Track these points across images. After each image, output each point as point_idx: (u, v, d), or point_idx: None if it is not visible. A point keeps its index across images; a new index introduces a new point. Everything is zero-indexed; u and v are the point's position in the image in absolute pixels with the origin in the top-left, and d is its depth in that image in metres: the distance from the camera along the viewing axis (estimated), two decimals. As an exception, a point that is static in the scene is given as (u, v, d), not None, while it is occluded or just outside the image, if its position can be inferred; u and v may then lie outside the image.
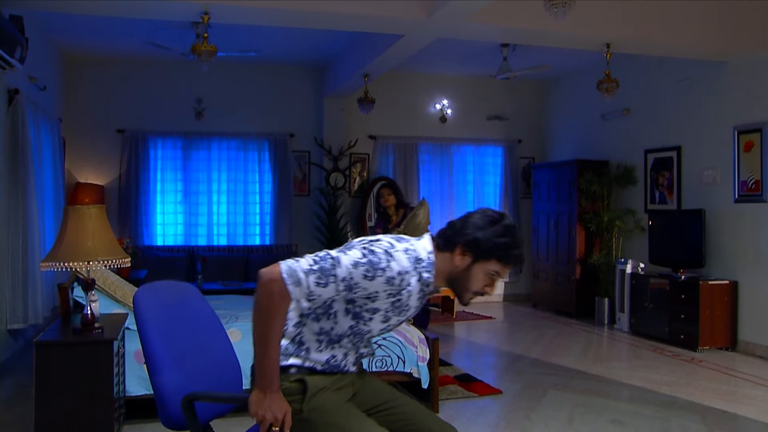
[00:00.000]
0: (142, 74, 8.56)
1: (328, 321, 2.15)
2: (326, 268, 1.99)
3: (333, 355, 2.19)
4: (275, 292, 1.97)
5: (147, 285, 2.44)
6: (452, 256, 2.14)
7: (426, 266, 2.13)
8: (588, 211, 8.29)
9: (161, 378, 2.23)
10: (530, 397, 4.95)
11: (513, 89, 9.80)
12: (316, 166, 9.16)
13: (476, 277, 2.14)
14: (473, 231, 2.11)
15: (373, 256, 2.03)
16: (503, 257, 2.12)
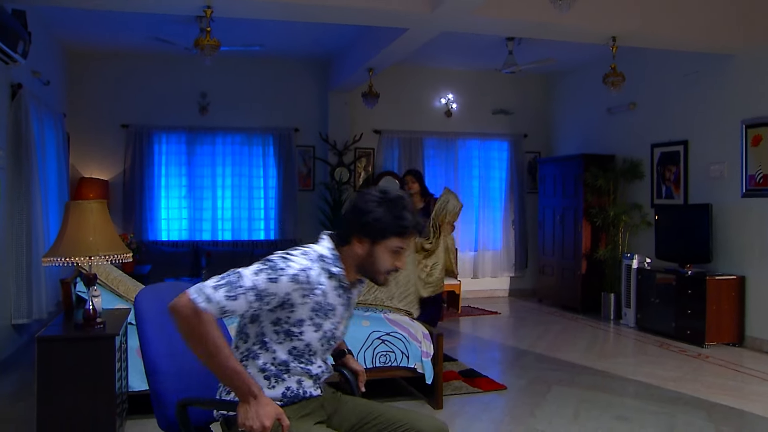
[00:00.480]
0: (147, 69, 8.55)
1: (267, 354, 2.13)
2: (232, 280, 1.98)
3: (287, 387, 2.17)
4: (190, 315, 1.94)
5: (150, 286, 2.46)
6: (351, 247, 2.16)
7: (331, 261, 2.14)
8: (594, 205, 8.25)
9: (159, 380, 2.24)
10: (535, 393, 4.93)
11: (518, 83, 9.75)
12: (320, 160, 9.14)
13: (382, 257, 2.15)
14: (361, 217, 2.12)
15: (271, 262, 2.05)
16: (399, 231, 2.13)
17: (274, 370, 2.14)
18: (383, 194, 2.14)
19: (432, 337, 4.67)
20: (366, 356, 4.48)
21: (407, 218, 2.13)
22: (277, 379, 2.15)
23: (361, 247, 2.15)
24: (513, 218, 9.92)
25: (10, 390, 4.93)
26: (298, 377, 2.18)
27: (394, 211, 2.11)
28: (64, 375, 3.33)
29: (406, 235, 2.14)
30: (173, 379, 2.27)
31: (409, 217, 2.13)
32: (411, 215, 2.14)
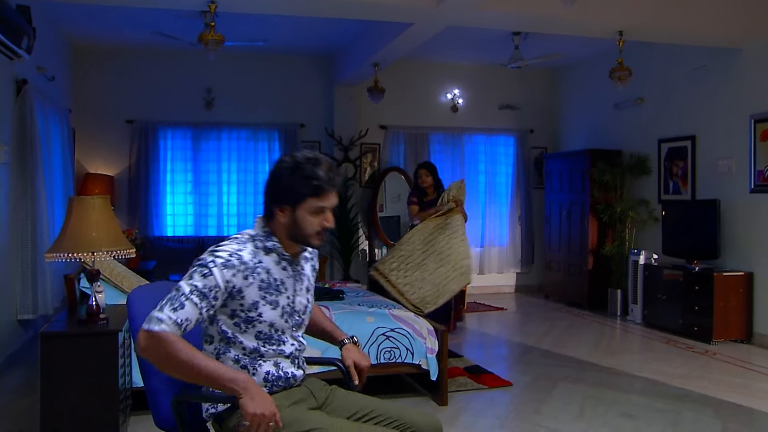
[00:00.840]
0: (151, 64, 8.55)
1: (235, 347, 2.15)
2: (172, 295, 2.01)
3: (266, 371, 2.18)
4: (150, 343, 1.95)
5: (142, 286, 2.45)
6: (277, 219, 2.17)
7: (264, 237, 2.19)
8: (601, 201, 8.20)
9: (153, 378, 2.22)
10: (540, 390, 4.91)
11: (525, 78, 9.70)
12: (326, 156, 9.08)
13: (306, 220, 2.15)
14: (276, 187, 2.16)
15: (200, 260, 2.08)
16: (314, 191, 2.12)
17: (247, 360, 2.16)
18: (293, 158, 2.15)
19: (437, 333, 4.65)
20: (370, 352, 4.47)
21: (320, 176, 2.11)
22: (254, 366, 2.17)
23: (284, 215, 2.16)
24: (519, 214, 9.89)
25: (15, 385, 4.94)
26: (274, 359, 2.19)
27: (305, 173, 2.10)
28: (68, 371, 3.33)
29: (323, 194, 2.13)
30: (168, 377, 2.23)
31: (322, 175, 2.11)
32: (324, 172, 2.12)
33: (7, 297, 5.51)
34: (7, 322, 5.51)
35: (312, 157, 2.13)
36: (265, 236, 2.19)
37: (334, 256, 9.12)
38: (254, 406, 1.91)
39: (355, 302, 5.07)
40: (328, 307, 4.74)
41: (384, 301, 5.18)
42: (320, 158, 2.14)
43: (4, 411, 4.35)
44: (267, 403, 1.93)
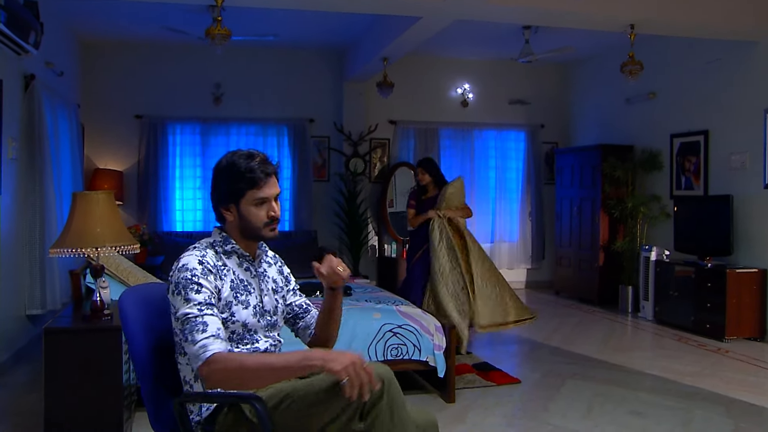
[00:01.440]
0: (160, 59, 8.54)
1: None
2: (189, 326, 2.03)
3: None
4: (215, 370, 1.97)
5: (132, 288, 2.43)
6: (227, 221, 2.24)
7: (222, 241, 2.24)
8: (612, 197, 8.14)
9: (150, 380, 2.20)
10: (549, 387, 4.87)
11: (535, 73, 9.63)
12: (335, 151, 9.10)
13: (250, 213, 2.20)
14: (216, 190, 2.24)
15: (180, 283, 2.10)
16: (250, 183, 2.17)
17: None
18: (226, 158, 2.23)
19: (444, 329, 4.63)
20: (377, 349, 4.45)
21: (253, 167, 2.17)
22: None
23: (231, 214, 2.22)
24: (530, 209, 9.84)
25: (23, 381, 4.96)
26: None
27: (239, 168, 2.17)
28: (72, 367, 3.32)
29: (259, 184, 2.18)
30: (164, 378, 2.24)
31: (255, 166, 2.17)
32: (257, 164, 2.18)
33: (16, 292, 5.53)
34: (16, 317, 5.53)
35: (244, 153, 2.22)
36: (223, 240, 2.25)
37: (343, 252, 9.10)
38: (338, 363, 1.88)
39: (362, 298, 5.05)
40: (335, 303, 4.71)
41: (392, 297, 5.15)
42: (252, 152, 2.22)
43: (12, 407, 4.36)
44: (346, 355, 1.91)
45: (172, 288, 2.10)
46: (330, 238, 9.01)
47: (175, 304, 2.08)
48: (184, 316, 2.04)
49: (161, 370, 2.23)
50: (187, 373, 2.18)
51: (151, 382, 2.20)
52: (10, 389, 4.75)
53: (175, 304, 2.08)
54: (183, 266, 2.12)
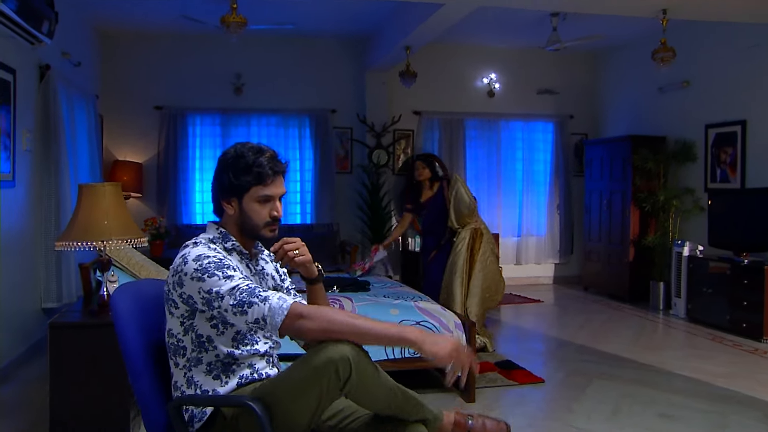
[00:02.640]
0: (179, 49, 8.50)
1: (208, 353, 2.10)
2: (242, 299, 1.98)
3: (240, 376, 2.13)
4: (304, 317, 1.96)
5: (126, 284, 2.35)
6: (227, 214, 2.18)
7: (220, 238, 2.17)
8: (643, 189, 7.93)
9: (142, 383, 2.14)
10: (574, 387, 4.73)
11: (564, 61, 9.43)
12: (358, 143, 9.00)
13: (252, 210, 2.14)
14: (220, 181, 2.16)
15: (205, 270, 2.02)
16: (257, 179, 2.11)
17: (220, 367, 2.11)
18: (235, 149, 2.16)
19: (464, 327, 4.51)
20: (395, 347, 4.34)
21: (262, 163, 2.11)
22: (227, 372, 2.12)
23: (232, 208, 2.16)
24: (558, 202, 9.65)
25: (37, 375, 4.94)
26: (249, 361, 2.15)
27: (247, 161, 2.11)
28: (77, 363, 3.29)
29: (266, 181, 2.13)
30: (158, 379, 2.18)
31: (264, 162, 2.12)
32: (266, 159, 2.12)
33: (32, 285, 5.54)
34: (32, 310, 5.53)
35: (255, 147, 2.15)
36: (222, 237, 2.18)
37: (365, 245, 9.00)
38: (442, 348, 1.90)
39: (380, 294, 4.95)
40: (351, 298, 4.63)
41: (411, 293, 5.04)
42: (263, 148, 2.16)
43: (24, 401, 4.36)
44: (447, 339, 1.94)
45: (197, 275, 1.99)
46: (352, 231, 8.93)
47: (212, 286, 1.97)
48: (234, 289, 1.97)
49: (156, 369, 2.16)
50: (180, 378, 2.11)
51: (144, 382, 2.14)
52: (24, 383, 4.75)
53: (211, 286, 1.97)
54: (201, 255, 2.04)
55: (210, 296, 1.98)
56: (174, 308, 2.07)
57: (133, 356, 2.12)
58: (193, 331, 2.08)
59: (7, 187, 4.93)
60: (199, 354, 2.09)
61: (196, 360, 2.09)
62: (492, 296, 5.89)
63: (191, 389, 2.09)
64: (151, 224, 7.45)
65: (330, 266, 7.93)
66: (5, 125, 4.79)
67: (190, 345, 2.09)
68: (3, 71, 4.72)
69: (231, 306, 1.96)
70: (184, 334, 2.09)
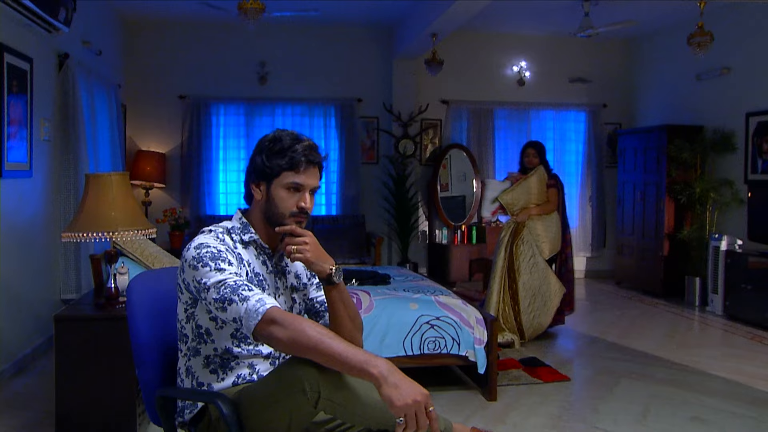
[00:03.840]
0: (203, 37, 8.46)
1: (207, 346, 2.04)
2: (227, 292, 1.88)
3: (238, 375, 2.06)
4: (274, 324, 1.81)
5: (145, 273, 2.34)
6: (254, 199, 2.11)
7: (240, 229, 2.10)
8: (678, 181, 7.67)
9: (147, 370, 2.14)
10: (601, 386, 4.56)
11: (597, 49, 9.18)
12: (384, 132, 8.89)
13: (279, 197, 2.05)
14: (253, 162, 2.09)
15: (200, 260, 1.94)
16: (290, 164, 2.03)
17: (218, 361, 2.04)
18: (273, 133, 2.09)
19: (486, 322, 4.37)
20: (413, 342, 4.23)
21: (297, 149, 2.03)
22: (225, 369, 2.05)
23: (259, 192, 2.08)
24: (590, 194, 9.42)
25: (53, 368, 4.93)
26: (249, 360, 2.07)
27: (283, 145, 2.04)
28: (83, 357, 3.24)
29: (299, 168, 2.03)
30: (163, 369, 2.16)
31: (299, 148, 2.04)
32: (302, 146, 2.04)
33: (50, 276, 5.54)
34: (51, 301, 5.53)
35: (294, 134, 2.08)
36: (242, 228, 2.10)
37: (391, 237, 8.92)
38: (400, 395, 1.65)
39: (400, 287, 4.83)
40: (369, 292, 4.52)
41: (432, 287, 4.91)
42: (303, 137, 2.08)
43: (39, 392, 4.34)
44: (413, 388, 1.67)
45: (193, 263, 1.92)
46: (378, 222, 8.83)
47: (202, 277, 1.90)
48: (219, 283, 1.88)
49: (162, 359, 2.16)
50: (182, 365, 2.09)
51: (148, 370, 2.14)
52: (40, 375, 4.74)
53: (201, 276, 1.90)
54: (203, 244, 1.97)
55: (200, 286, 1.92)
56: (180, 293, 2.03)
57: (141, 343, 2.13)
58: (194, 320, 2.04)
59: (24, 176, 4.92)
60: (198, 345, 2.05)
61: (194, 350, 2.06)
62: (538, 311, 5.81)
63: (188, 379, 2.07)
64: (170, 215, 7.42)
65: (355, 258, 7.86)
66: (22, 114, 4.77)
67: (191, 334, 2.05)
68: (19, 60, 4.69)
69: (214, 300, 1.89)
70: (186, 321, 2.06)
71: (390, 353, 4.22)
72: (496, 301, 5.74)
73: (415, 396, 1.66)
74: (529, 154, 6.05)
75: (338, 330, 2.13)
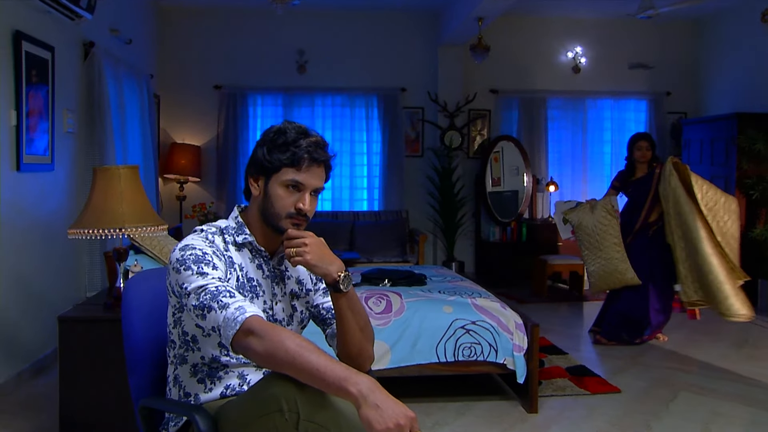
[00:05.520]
0: (240, 25, 8.43)
1: (193, 354, 1.96)
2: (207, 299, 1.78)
3: (226, 385, 1.96)
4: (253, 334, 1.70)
5: (146, 271, 2.28)
6: (252, 196, 2.01)
7: (234, 230, 2.00)
8: (750, 174, 7.30)
9: (137, 378, 2.10)
10: (655, 399, 4.32)
11: (659, 31, 8.86)
12: (429, 124, 8.74)
13: (276, 195, 1.93)
14: (253, 155, 2.00)
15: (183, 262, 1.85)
16: (291, 160, 1.91)
17: (206, 370, 1.95)
18: (279, 125, 1.98)
19: (526, 327, 4.18)
20: (446, 348, 4.07)
21: (300, 144, 1.92)
22: (213, 378, 1.95)
23: (257, 188, 1.98)
24: (652, 189, 9.09)
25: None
26: (240, 370, 1.98)
27: (287, 138, 1.93)
28: (87, 359, 3.20)
29: (301, 165, 1.92)
30: (156, 377, 2.11)
31: (304, 143, 1.92)
32: (307, 143, 1.92)
33: (75, 274, 5.56)
34: (76, 300, 5.54)
35: (302, 127, 1.97)
36: (237, 228, 2.00)
37: (436, 235, 8.77)
38: (380, 418, 1.53)
39: (435, 289, 4.66)
40: (401, 293, 4.37)
41: (470, 288, 4.72)
42: (311, 132, 1.98)
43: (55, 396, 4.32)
44: (397, 410, 1.55)
45: (176, 265, 1.84)
46: (422, 219, 8.69)
47: (183, 281, 1.81)
48: (200, 288, 1.78)
49: (157, 365, 2.13)
50: (170, 373, 2.02)
51: (139, 377, 2.10)
52: (59, 376, 4.73)
53: (183, 280, 1.82)
54: (188, 245, 1.88)
55: (181, 291, 1.83)
56: (169, 296, 1.95)
57: (134, 347, 2.09)
58: (180, 326, 1.96)
59: (45, 170, 4.93)
60: (185, 352, 1.97)
61: (181, 358, 1.98)
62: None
63: (176, 389, 1.99)
64: (199, 210, 7.42)
65: (397, 257, 7.72)
66: (42, 105, 4.77)
67: (178, 340, 1.98)
68: (39, 48, 4.69)
69: (193, 307, 1.79)
70: (173, 326, 1.98)
71: (422, 359, 4.07)
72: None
73: (397, 419, 1.52)
74: (641, 147, 5.71)
75: (347, 341, 2.02)
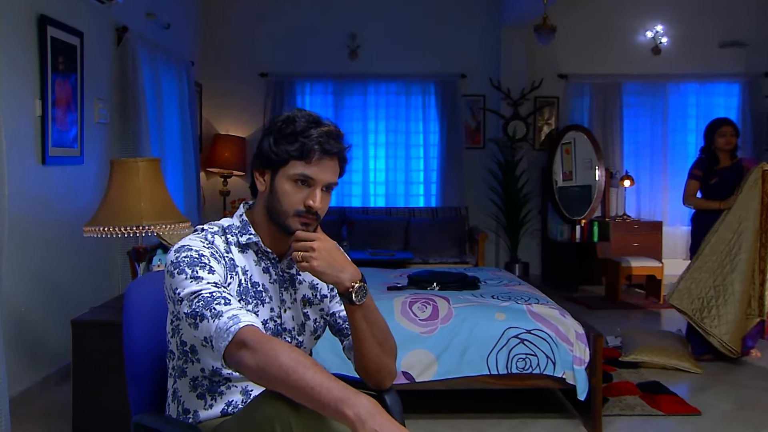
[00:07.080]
0: (286, 8, 8.46)
1: (193, 366, 1.91)
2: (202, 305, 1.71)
3: (227, 402, 1.91)
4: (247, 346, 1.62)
5: (148, 275, 2.27)
6: (258, 192, 1.93)
7: (238, 230, 1.93)
8: None
9: (137, 390, 2.10)
10: (742, 425, 4.06)
11: (757, 3, 8.54)
12: (492, 112, 8.62)
13: (283, 190, 1.85)
14: (260, 146, 1.92)
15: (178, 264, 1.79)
16: (300, 152, 1.83)
17: (206, 384, 1.91)
18: (289, 113, 1.91)
19: (588, 338, 3.99)
20: (498, 359, 3.92)
21: (312, 135, 1.83)
22: (213, 394, 1.91)
23: (263, 183, 1.91)
24: (743, 183, 8.73)
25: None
26: (244, 384, 1.92)
27: (296, 128, 1.85)
28: (100, 363, 3.24)
29: (311, 158, 1.84)
30: (158, 388, 2.11)
31: (314, 134, 1.84)
32: (318, 133, 1.84)
33: (109, 272, 5.61)
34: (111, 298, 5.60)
35: (314, 116, 1.91)
36: (241, 227, 1.94)
37: (498, 233, 8.61)
38: None
39: (489, 293, 4.51)
40: (448, 298, 4.23)
41: (527, 293, 4.55)
42: (324, 121, 1.91)
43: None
44: None
45: (170, 269, 1.79)
46: (483, 216, 8.56)
47: (176, 286, 1.75)
48: (193, 294, 1.71)
49: (158, 376, 2.12)
50: (170, 386, 1.98)
51: (138, 388, 2.10)
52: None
53: (176, 285, 1.76)
54: (184, 246, 1.82)
55: (174, 296, 1.77)
56: (167, 302, 1.90)
57: (134, 357, 2.08)
58: (178, 335, 1.90)
59: (74, 163, 4.97)
60: (183, 364, 1.93)
61: (180, 370, 1.94)
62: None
63: (174, 404, 1.96)
64: (237, 205, 7.43)
65: (455, 257, 7.59)
66: (70, 94, 4.81)
67: (176, 351, 1.93)
68: (66, 33, 4.72)
69: (185, 315, 1.72)
70: (172, 335, 1.93)
71: (471, 371, 3.94)
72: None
73: None
74: (725, 132, 5.44)
75: (363, 355, 1.94)
